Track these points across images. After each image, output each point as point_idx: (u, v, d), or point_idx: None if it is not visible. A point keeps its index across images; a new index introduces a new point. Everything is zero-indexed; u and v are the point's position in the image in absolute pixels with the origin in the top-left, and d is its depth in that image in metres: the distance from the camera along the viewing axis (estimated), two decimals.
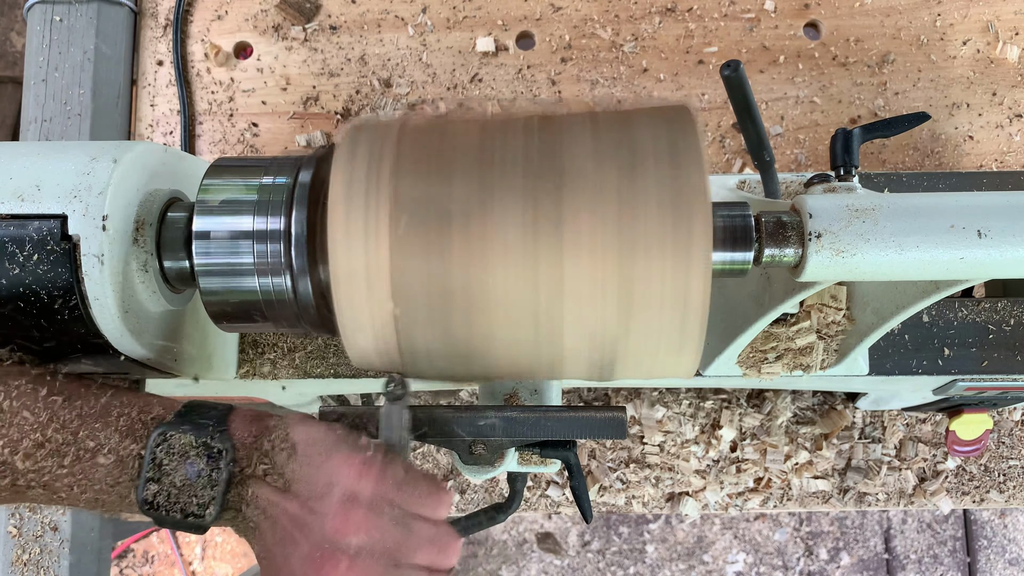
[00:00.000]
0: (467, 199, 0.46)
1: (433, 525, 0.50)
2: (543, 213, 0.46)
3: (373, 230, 0.46)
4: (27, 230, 0.50)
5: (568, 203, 0.46)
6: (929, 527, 1.92)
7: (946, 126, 0.93)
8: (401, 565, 0.47)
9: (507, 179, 0.47)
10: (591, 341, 0.49)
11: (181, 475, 0.48)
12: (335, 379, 0.75)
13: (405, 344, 0.49)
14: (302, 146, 0.95)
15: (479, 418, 0.54)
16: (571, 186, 0.46)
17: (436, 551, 0.49)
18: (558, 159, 0.47)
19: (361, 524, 0.46)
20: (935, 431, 0.95)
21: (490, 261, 0.46)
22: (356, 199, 0.47)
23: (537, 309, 0.47)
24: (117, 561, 1.88)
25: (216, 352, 0.70)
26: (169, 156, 0.59)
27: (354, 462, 0.48)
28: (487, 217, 0.46)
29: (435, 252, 0.46)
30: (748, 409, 0.95)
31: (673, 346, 0.49)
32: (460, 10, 0.97)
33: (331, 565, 0.46)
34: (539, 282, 0.46)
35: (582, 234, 0.45)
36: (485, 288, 0.46)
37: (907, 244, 0.48)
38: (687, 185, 0.45)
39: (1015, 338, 0.73)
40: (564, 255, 0.46)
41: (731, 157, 0.94)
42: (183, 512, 0.48)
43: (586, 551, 1.91)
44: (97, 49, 0.94)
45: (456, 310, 0.47)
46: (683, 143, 0.47)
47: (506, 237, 0.46)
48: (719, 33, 0.96)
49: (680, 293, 0.46)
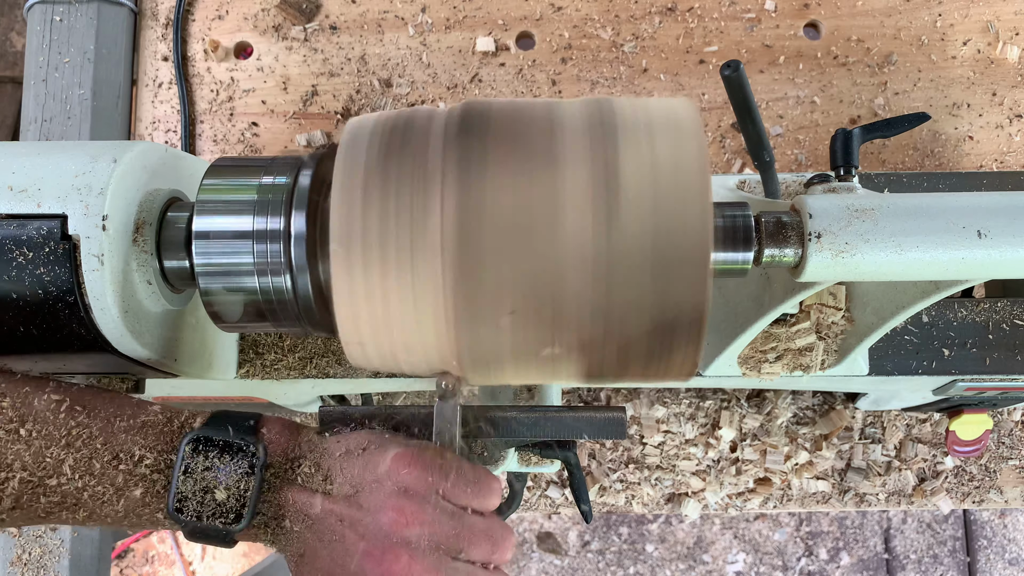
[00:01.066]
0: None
1: (486, 518, 0.49)
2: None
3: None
4: (27, 230, 0.50)
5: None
6: (929, 527, 1.92)
7: (946, 126, 0.93)
8: (458, 558, 0.47)
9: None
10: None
11: (212, 483, 0.47)
12: (335, 379, 0.75)
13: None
14: (302, 146, 0.95)
15: (479, 418, 0.54)
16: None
17: (491, 545, 0.49)
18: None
19: (416, 516, 0.46)
20: (935, 431, 0.95)
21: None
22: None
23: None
24: (117, 561, 1.88)
25: (216, 352, 0.70)
26: (169, 156, 0.59)
27: (404, 456, 0.48)
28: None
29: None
30: (748, 409, 0.95)
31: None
32: (460, 10, 0.97)
33: (392, 558, 0.45)
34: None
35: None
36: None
37: (907, 244, 0.48)
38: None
39: (1015, 338, 0.73)
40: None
41: (731, 157, 0.94)
42: (214, 520, 0.47)
43: (586, 551, 1.91)
44: (97, 49, 0.94)
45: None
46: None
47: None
48: (719, 33, 0.96)
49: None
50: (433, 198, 0.45)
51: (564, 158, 0.46)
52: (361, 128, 0.50)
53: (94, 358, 0.55)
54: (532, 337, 0.47)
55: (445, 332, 0.47)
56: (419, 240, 0.45)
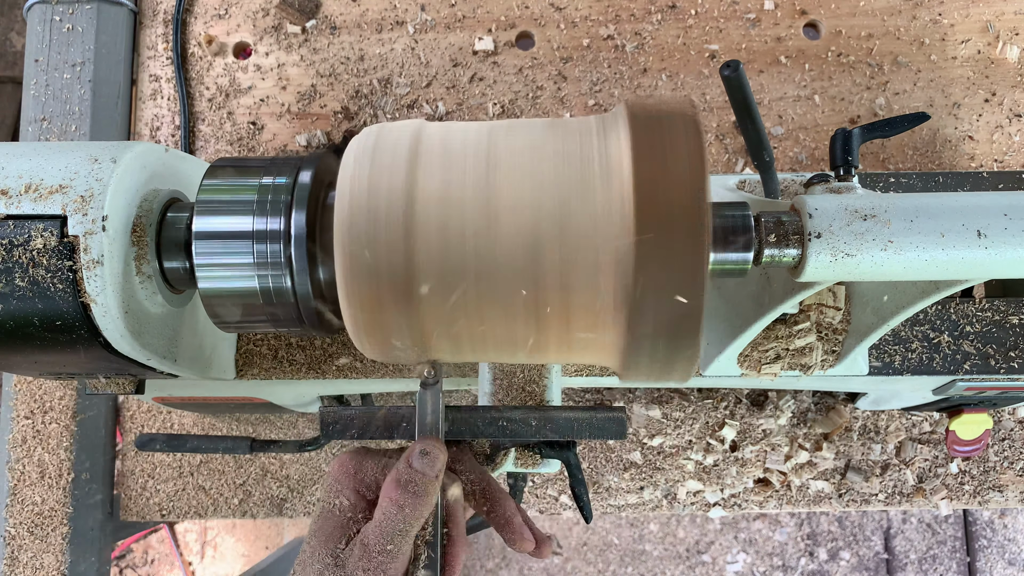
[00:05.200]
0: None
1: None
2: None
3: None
4: (26, 231, 0.50)
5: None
6: (929, 527, 1.92)
7: (946, 126, 0.93)
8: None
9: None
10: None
11: None
12: (335, 379, 0.75)
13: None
14: (302, 146, 0.95)
15: (479, 418, 0.54)
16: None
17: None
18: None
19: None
20: (935, 431, 0.95)
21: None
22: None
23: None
24: (117, 561, 1.88)
25: (215, 352, 0.70)
26: (169, 156, 0.59)
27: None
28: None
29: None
30: (748, 409, 0.95)
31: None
32: (460, 10, 0.97)
33: None
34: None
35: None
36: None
37: (907, 244, 0.48)
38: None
39: (1015, 338, 0.73)
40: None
41: (731, 157, 0.94)
42: None
43: (586, 551, 1.91)
44: (97, 49, 0.94)
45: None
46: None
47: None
48: (719, 33, 0.96)
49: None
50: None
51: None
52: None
53: (94, 358, 0.55)
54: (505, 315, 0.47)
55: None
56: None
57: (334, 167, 0.55)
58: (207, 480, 0.95)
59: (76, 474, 0.90)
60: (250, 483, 0.95)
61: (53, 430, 0.90)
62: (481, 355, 0.52)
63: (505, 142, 0.49)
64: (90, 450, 0.92)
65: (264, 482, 0.95)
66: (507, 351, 0.51)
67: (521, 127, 0.50)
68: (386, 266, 0.46)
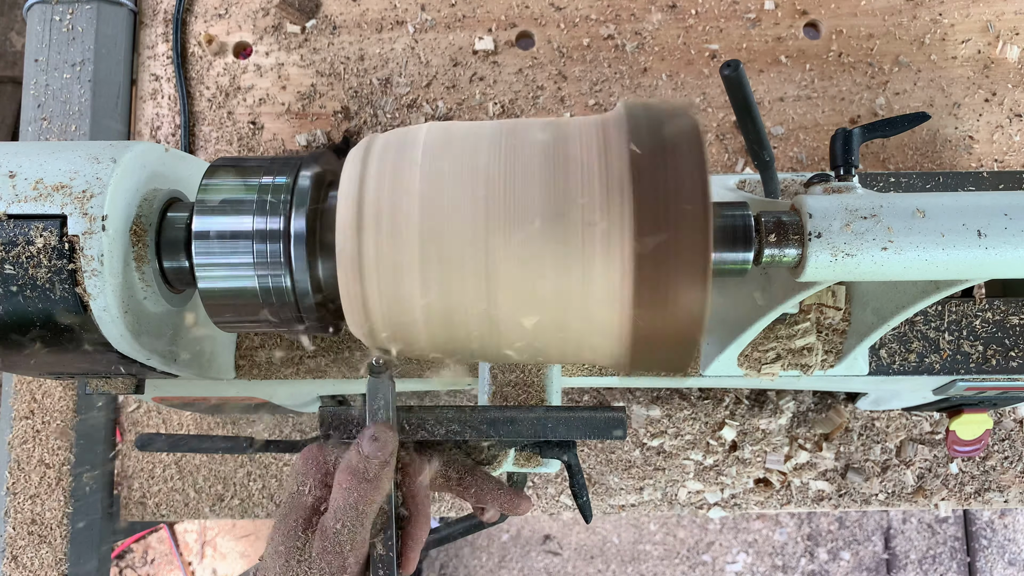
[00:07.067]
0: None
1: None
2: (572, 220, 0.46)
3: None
4: (26, 231, 0.50)
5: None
6: (929, 527, 1.92)
7: (946, 126, 0.93)
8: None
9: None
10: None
11: None
12: (335, 379, 0.75)
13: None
14: (302, 146, 0.95)
15: (479, 418, 0.54)
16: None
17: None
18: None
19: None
20: (935, 431, 0.95)
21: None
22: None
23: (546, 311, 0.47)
24: (117, 561, 1.88)
25: (215, 352, 0.70)
26: (169, 156, 0.59)
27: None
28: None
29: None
30: (748, 409, 0.95)
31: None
32: (460, 9, 0.97)
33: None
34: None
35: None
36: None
37: (907, 244, 0.48)
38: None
39: (1015, 338, 0.73)
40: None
41: (731, 157, 0.93)
42: None
43: (586, 551, 1.91)
44: (97, 49, 0.94)
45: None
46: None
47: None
48: (719, 32, 0.96)
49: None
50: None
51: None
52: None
53: (94, 358, 0.55)
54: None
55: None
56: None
57: (334, 167, 0.55)
58: (207, 480, 0.95)
59: (76, 474, 0.90)
60: (250, 483, 0.95)
61: (53, 430, 0.90)
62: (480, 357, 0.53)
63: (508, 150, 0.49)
64: (90, 450, 0.92)
65: (264, 482, 0.95)
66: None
67: (525, 126, 0.50)
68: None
